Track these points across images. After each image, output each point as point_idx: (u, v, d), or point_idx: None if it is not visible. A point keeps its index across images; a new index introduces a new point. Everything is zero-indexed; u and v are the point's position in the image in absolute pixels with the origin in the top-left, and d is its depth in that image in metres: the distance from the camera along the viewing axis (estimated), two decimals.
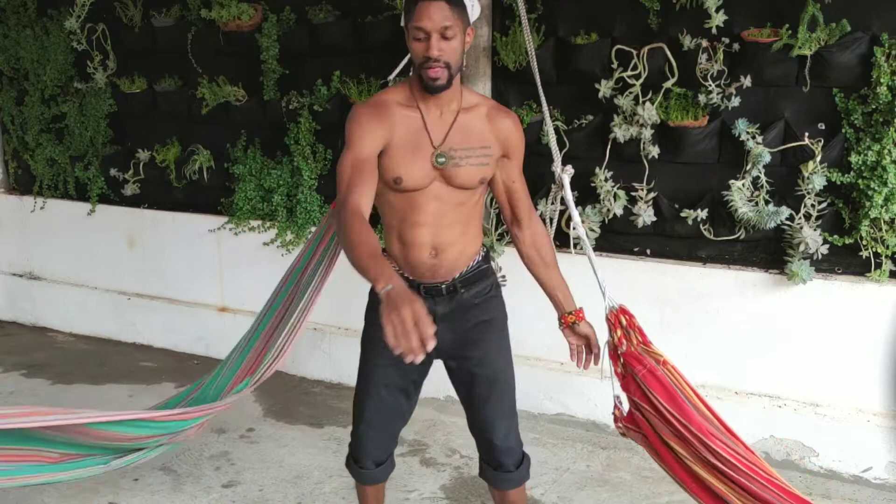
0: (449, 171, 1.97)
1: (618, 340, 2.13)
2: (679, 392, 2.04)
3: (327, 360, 3.94)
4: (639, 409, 2.11)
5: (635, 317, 2.16)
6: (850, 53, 2.82)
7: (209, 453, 3.18)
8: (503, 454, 2.15)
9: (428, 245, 2.02)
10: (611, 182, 3.23)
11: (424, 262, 2.03)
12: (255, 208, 4.01)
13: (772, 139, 2.96)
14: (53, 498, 2.84)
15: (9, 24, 4.63)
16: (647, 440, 2.13)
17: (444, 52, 1.86)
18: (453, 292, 2.06)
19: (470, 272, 2.07)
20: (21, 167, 4.86)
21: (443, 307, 2.06)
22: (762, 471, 1.95)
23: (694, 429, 1.98)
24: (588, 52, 3.19)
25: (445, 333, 2.04)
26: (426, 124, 1.97)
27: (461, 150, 1.96)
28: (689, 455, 2.01)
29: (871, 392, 2.93)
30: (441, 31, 1.85)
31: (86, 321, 4.66)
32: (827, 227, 2.94)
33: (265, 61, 3.87)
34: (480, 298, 2.10)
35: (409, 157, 1.95)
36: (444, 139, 1.96)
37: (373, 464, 2.22)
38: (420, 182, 1.97)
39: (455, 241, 2.03)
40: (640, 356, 2.10)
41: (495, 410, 2.13)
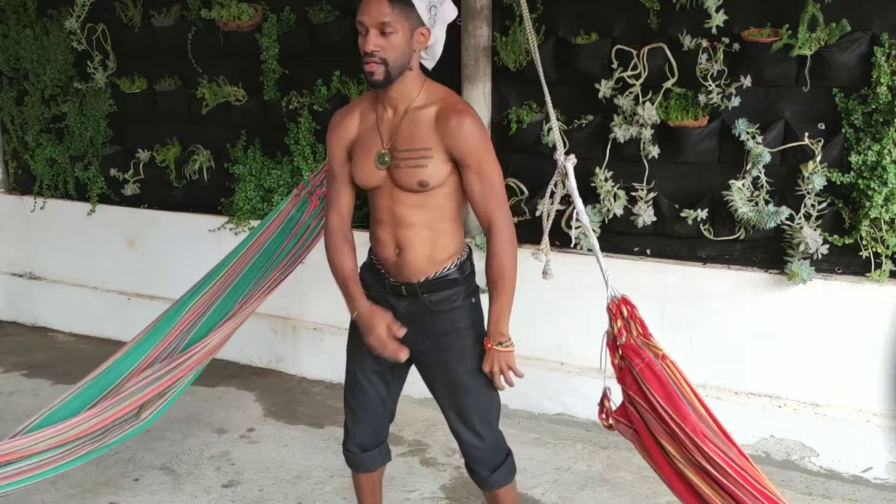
0: (391, 172, 1.98)
1: (617, 331, 2.08)
2: (676, 389, 1.99)
3: (327, 360, 3.94)
4: (633, 403, 2.07)
5: (637, 308, 2.11)
6: (850, 53, 2.82)
7: (209, 453, 3.18)
8: (474, 461, 2.17)
9: (392, 242, 2.05)
10: (611, 182, 3.23)
11: (389, 259, 2.07)
12: (255, 208, 4.01)
13: (772, 139, 2.96)
14: (53, 498, 2.84)
15: (9, 24, 4.63)
16: (638, 436, 2.08)
17: (381, 47, 1.88)
18: (414, 295, 2.06)
19: (435, 278, 2.04)
20: (21, 167, 4.86)
21: (403, 307, 2.09)
22: (754, 480, 1.91)
23: (688, 429, 1.93)
24: (588, 51, 3.19)
25: (408, 334, 2.09)
26: (378, 125, 2.01)
27: (403, 150, 1.96)
28: (681, 456, 1.98)
29: (871, 392, 2.93)
30: (378, 26, 1.87)
31: (86, 321, 4.66)
32: (827, 227, 2.94)
33: (265, 61, 3.87)
34: (443, 307, 2.06)
35: (362, 158, 2.02)
36: (390, 139, 1.98)
37: (357, 448, 2.25)
38: (368, 182, 2.02)
39: (419, 242, 2.01)
40: (638, 349, 2.05)
41: (458, 421, 2.13)
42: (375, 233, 2.09)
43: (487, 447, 2.14)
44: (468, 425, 2.12)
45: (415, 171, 1.95)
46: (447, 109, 1.96)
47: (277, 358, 4.10)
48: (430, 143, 1.94)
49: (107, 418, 2.37)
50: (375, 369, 2.17)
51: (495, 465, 2.16)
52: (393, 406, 2.27)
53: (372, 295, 2.13)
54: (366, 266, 2.20)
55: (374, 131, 2.01)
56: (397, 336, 2.05)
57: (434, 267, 2.04)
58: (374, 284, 2.14)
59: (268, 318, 4.06)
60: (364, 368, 2.18)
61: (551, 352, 3.42)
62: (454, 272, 2.06)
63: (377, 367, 2.16)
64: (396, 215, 2.01)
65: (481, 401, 2.12)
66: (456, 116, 1.94)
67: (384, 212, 2.03)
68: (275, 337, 4.07)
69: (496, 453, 2.17)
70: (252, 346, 4.12)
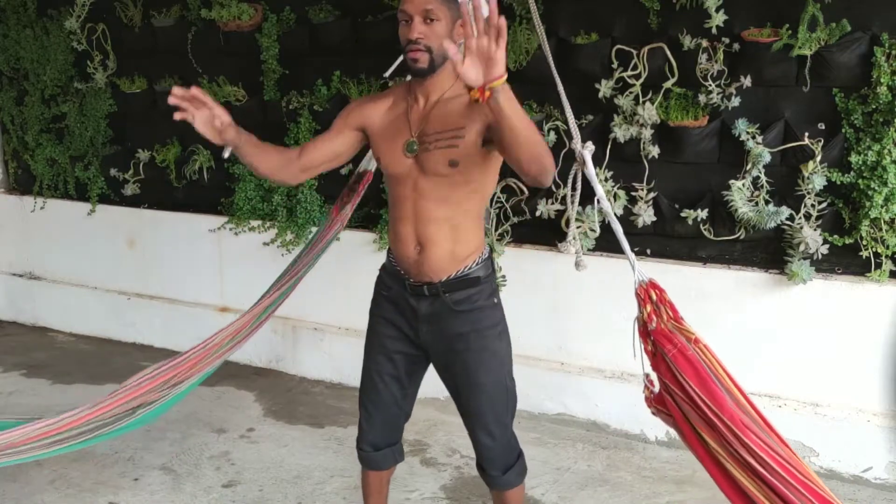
0: (420, 157, 1.97)
1: (647, 316, 2.03)
2: (711, 375, 1.91)
3: (327, 360, 3.94)
4: (669, 391, 1.99)
5: (666, 291, 2.06)
6: (850, 53, 2.82)
7: (209, 453, 3.18)
8: (484, 460, 2.17)
9: (413, 239, 2.03)
10: (611, 182, 3.23)
11: (410, 257, 2.04)
12: (255, 208, 4.01)
13: (772, 139, 2.96)
14: (53, 497, 2.84)
15: (9, 24, 4.63)
16: (677, 424, 2.01)
17: (425, 35, 1.88)
18: (436, 295, 2.04)
19: (457, 277, 2.03)
20: (21, 167, 4.86)
21: (425, 307, 2.07)
22: (799, 473, 1.82)
23: (725, 417, 1.86)
24: (588, 51, 3.19)
25: (427, 335, 2.09)
26: (408, 114, 2.01)
27: (433, 134, 1.96)
28: (720, 448, 1.89)
29: (871, 392, 2.93)
30: (423, 13, 1.87)
31: (86, 321, 4.66)
32: (827, 227, 2.94)
33: (265, 61, 3.87)
34: (465, 307, 2.05)
35: (389, 145, 2.03)
36: (419, 127, 1.99)
37: (370, 447, 2.26)
38: (394, 168, 2.02)
39: (441, 239, 2.00)
40: (670, 334, 1.99)
41: (474, 421, 2.13)
42: (396, 230, 2.07)
43: (500, 447, 2.14)
44: (483, 425, 2.11)
45: (446, 152, 1.94)
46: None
47: (277, 358, 4.10)
48: (462, 123, 1.93)
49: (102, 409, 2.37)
50: (391, 373, 2.17)
51: (507, 466, 2.16)
52: (408, 407, 2.27)
53: (391, 296, 2.13)
54: (384, 268, 2.19)
55: (402, 120, 2.02)
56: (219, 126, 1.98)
57: (455, 265, 2.02)
58: (393, 285, 2.13)
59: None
60: (380, 371, 2.18)
61: (551, 352, 3.42)
62: (477, 270, 2.05)
63: (393, 371, 2.16)
64: (419, 209, 2.00)
65: (498, 402, 2.11)
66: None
67: (406, 206, 2.02)
68: (275, 337, 4.07)
69: (509, 454, 2.17)
70: (252, 346, 4.10)
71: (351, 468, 3.05)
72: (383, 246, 3.69)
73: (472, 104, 1.90)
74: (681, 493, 2.88)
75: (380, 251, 3.71)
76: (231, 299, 4.21)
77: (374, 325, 2.22)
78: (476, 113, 1.91)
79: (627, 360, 3.25)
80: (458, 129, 1.93)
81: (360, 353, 3.98)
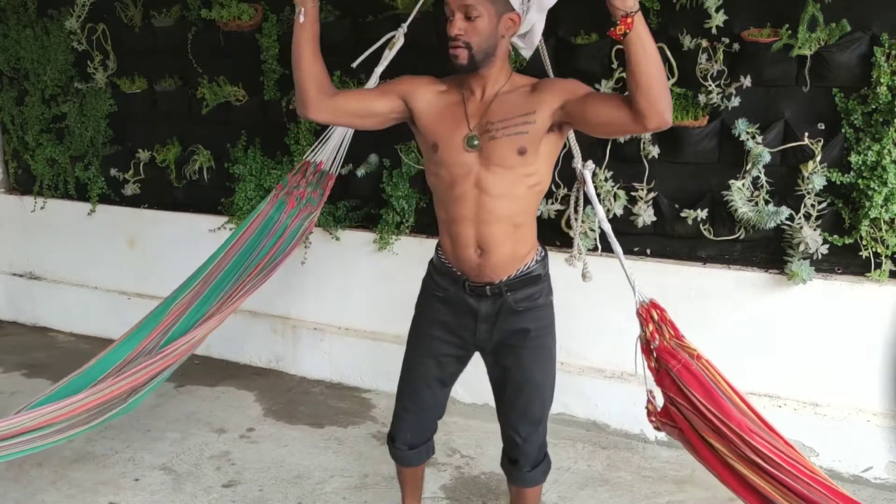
0: (485, 148, 1.93)
1: (650, 335, 2.10)
2: (715, 387, 1.99)
3: (327, 360, 3.94)
4: (675, 404, 2.06)
5: (667, 311, 2.12)
6: (850, 53, 2.82)
7: (209, 453, 3.18)
8: (521, 455, 2.19)
9: (472, 242, 1.99)
10: (611, 182, 3.23)
11: (471, 260, 2.02)
12: (255, 208, 4.00)
13: (772, 139, 2.96)
14: (53, 497, 2.84)
15: (9, 24, 4.63)
16: (685, 435, 2.07)
17: (465, 31, 1.87)
18: (498, 295, 2.04)
19: (519, 276, 2.03)
20: (21, 167, 4.86)
21: (486, 308, 2.06)
22: (806, 469, 1.90)
23: (732, 425, 1.93)
24: (588, 51, 3.19)
25: (485, 333, 2.08)
26: (465, 106, 1.97)
27: (498, 122, 1.93)
28: (729, 451, 1.96)
29: (871, 392, 2.93)
30: (462, 9, 1.87)
31: (86, 321, 4.66)
32: (827, 227, 2.94)
33: (265, 61, 3.87)
34: (525, 305, 2.06)
35: (446, 129, 1.97)
36: (479, 120, 1.95)
37: (405, 446, 2.29)
38: (455, 165, 1.96)
39: (502, 239, 1.98)
40: (673, 351, 2.06)
41: (520, 415, 2.15)
42: (453, 232, 2.02)
43: (537, 443, 2.19)
44: (529, 420, 2.15)
45: (515, 139, 1.90)
46: (542, 81, 1.98)
47: (277, 358, 4.10)
48: (532, 108, 1.92)
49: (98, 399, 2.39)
50: (437, 376, 2.18)
51: (537, 462, 2.21)
52: (445, 405, 2.30)
53: (447, 297, 2.10)
54: (435, 268, 2.15)
55: (458, 111, 1.97)
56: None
57: (516, 264, 2.03)
58: (450, 287, 2.09)
59: (268, 318, 4.07)
60: (426, 375, 2.18)
61: None
62: (536, 268, 2.06)
63: (440, 375, 2.18)
64: (482, 207, 1.95)
65: (545, 399, 2.16)
66: (553, 79, 2.01)
67: (466, 205, 1.96)
68: (275, 337, 4.07)
69: (540, 450, 2.21)
70: (252, 346, 4.12)
71: (351, 468, 3.06)
72: (383, 246, 3.69)
73: (536, 90, 1.94)
74: (681, 493, 2.88)
75: (380, 251, 3.71)
76: None
77: (425, 327, 2.17)
78: (543, 97, 1.92)
79: (627, 360, 3.26)
80: (528, 115, 1.91)
81: (359, 352, 4.00)
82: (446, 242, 2.07)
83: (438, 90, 2.03)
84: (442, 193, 2.02)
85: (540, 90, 1.95)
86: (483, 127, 1.94)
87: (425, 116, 2.01)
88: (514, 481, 2.27)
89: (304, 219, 2.84)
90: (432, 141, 1.99)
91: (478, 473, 3.01)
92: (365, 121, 2.08)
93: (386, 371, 3.73)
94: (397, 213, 3.66)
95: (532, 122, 1.91)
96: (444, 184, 2.00)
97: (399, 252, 3.68)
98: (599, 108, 1.87)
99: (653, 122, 1.77)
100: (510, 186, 1.94)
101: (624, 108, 1.81)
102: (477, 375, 2.35)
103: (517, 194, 1.95)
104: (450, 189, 1.99)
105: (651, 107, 1.75)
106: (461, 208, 1.98)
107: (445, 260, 2.10)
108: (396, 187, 3.62)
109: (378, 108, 2.05)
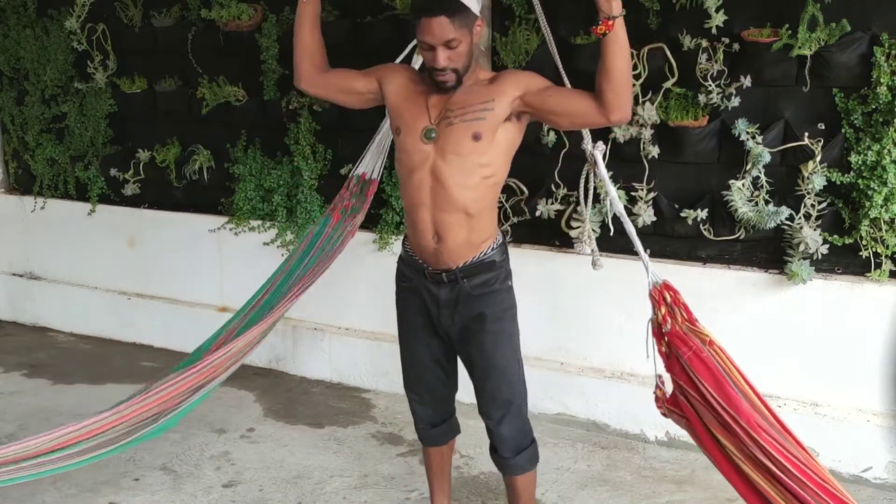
0: (441, 134, 2.01)
1: (662, 318, 2.05)
2: (727, 377, 1.93)
3: (327, 360, 3.94)
4: (683, 393, 2.01)
5: (680, 293, 2.08)
6: (850, 53, 2.82)
7: (209, 453, 3.19)
8: (496, 439, 2.24)
9: (430, 228, 2.08)
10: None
11: (428, 246, 2.11)
12: (255, 208, 4.01)
13: (772, 139, 2.96)
14: (53, 498, 2.84)
15: (9, 24, 4.63)
16: (692, 426, 2.03)
17: (451, 60, 1.96)
18: (454, 281, 2.11)
19: (474, 262, 2.11)
20: (21, 167, 4.86)
21: (445, 294, 2.14)
22: (816, 475, 1.82)
23: (742, 420, 1.87)
24: (588, 52, 3.18)
25: (447, 319, 2.16)
26: (427, 100, 2.07)
27: (458, 109, 2.02)
28: (736, 450, 1.91)
29: (871, 392, 2.93)
30: (445, 43, 1.93)
31: (86, 321, 4.66)
32: (827, 227, 2.94)
33: (265, 61, 3.87)
34: (481, 290, 2.12)
35: (409, 116, 2.08)
36: (439, 112, 2.04)
37: (428, 425, 2.37)
38: (412, 152, 2.06)
39: (456, 227, 2.06)
40: (685, 336, 2.02)
41: (489, 399, 2.21)
42: (412, 218, 2.12)
43: (514, 428, 2.21)
44: (498, 405, 2.20)
45: (471, 125, 2.00)
46: (501, 73, 2.11)
47: (277, 358, 4.10)
48: (491, 96, 2.01)
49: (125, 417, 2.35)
50: (431, 356, 2.26)
51: (520, 448, 2.23)
52: (454, 383, 2.37)
53: (412, 286, 2.20)
54: (402, 259, 2.27)
55: (421, 103, 2.07)
56: None
57: (472, 251, 2.10)
58: (414, 276, 2.20)
59: None
60: (420, 357, 2.27)
61: (551, 352, 3.42)
62: (492, 255, 2.13)
63: (432, 355, 2.26)
64: (437, 196, 2.04)
65: (512, 382, 2.20)
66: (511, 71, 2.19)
67: (423, 192, 2.06)
68: (275, 337, 4.07)
69: (522, 437, 2.24)
70: None
71: (351, 468, 3.06)
72: (383, 246, 3.69)
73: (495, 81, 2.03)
74: (681, 492, 2.88)
75: (380, 251, 3.71)
76: (231, 299, 4.20)
77: (404, 316, 2.29)
78: (502, 87, 2.01)
79: (627, 360, 3.28)
80: (487, 102, 2.01)
81: (359, 352, 4.01)
82: (409, 229, 2.18)
83: (411, 79, 2.15)
84: (403, 180, 2.13)
85: (499, 81, 2.05)
86: (443, 116, 2.03)
87: (392, 100, 2.13)
88: (499, 468, 2.31)
89: (347, 227, 2.88)
90: (396, 125, 2.12)
91: (477, 473, 3.01)
92: (347, 97, 2.27)
93: (386, 371, 3.73)
94: (397, 213, 3.66)
95: (490, 110, 2.00)
96: (404, 170, 2.11)
97: (399, 252, 3.67)
98: (565, 98, 2.02)
99: (616, 114, 1.94)
100: (464, 176, 2.02)
101: (589, 99, 1.96)
102: None
103: (470, 184, 2.04)
104: (409, 175, 2.09)
105: (617, 100, 1.92)
106: (419, 195, 2.07)
107: (409, 250, 2.21)
108: (396, 187, 3.62)
109: (357, 87, 2.22)
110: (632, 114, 1.93)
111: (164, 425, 2.48)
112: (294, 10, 3.77)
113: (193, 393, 2.48)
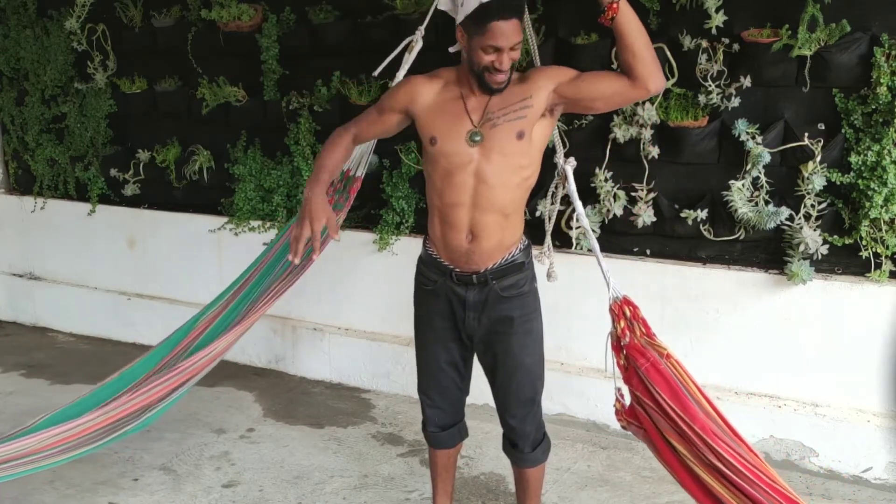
0: (486, 137, 2.02)
1: (621, 332, 2.10)
2: (682, 388, 2.00)
3: (327, 360, 3.94)
4: (641, 403, 2.08)
5: (639, 308, 2.13)
6: (850, 54, 2.82)
7: (209, 453, 3.18)
8: (518, 436, 2.27)
9: (465, 227, 2.08)
10: (611, 182, 3.23)
11: (461, 246, 2.10)
12: (255, 208, 4.01)
13: (772, 139, 2.96)
14: (52, 498, 2.84)
15: (9, 25, 4.63)
16: (648, 435, 2.09)
17: (513, 61, 1.99)
18: (484, 283, 2.12)
19: (505, 264, 2.12)
20: (21, 167, 4.86)
21: (473, 296, 2.14)
22: (765, 475, 1.91)
23: (697, 427, 1.95)
24: (588, 52, 3.19)
25: (473, 321, 2.17)
26: (466, 105, 2.06)
27: (498, 110, 2.03)
28: (691, 455, 1.98)
29: (871, 392, 2.93)
30: (513, 46, 1.96)
31: (86, 321, 4.66)
32: (827, 227, 2.94)
33: (265, 61, 3.87)
34: (511, 292, 2.14)
35: (447, 128, 2.06)
36: (481, 115, 2.04)
37: (438, 428, 2.38)
38: (456, 155, 2.04)
39: (493, 227, 2.07)
40: (643, 349, 2.07)
41: (513, 398, 2.23)
42: (448, 217, 2.10)
43: (534, 423, 2.26)
44: (522, 403, 2.23)
45: (514, 123, 2.01)
46: (530, 70, 2.12)
47: (277, 358, 4.10)
48: (528, 93, 2.03)
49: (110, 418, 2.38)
50: (449, 360, 2.26)
51: (537, 442, 2.29)
52: (467, 388, 2.38)
53: (436, 289, 2.19)
54: (423, 261, 2.25)
55: (459, 107, 2.06)
56: (332, 238, 2.10)
57: (502, 252, 2.11)
58: (438, 278, 2.19)
59: (268, 318, 4.06)
60: (439, 361, 2.27)
61: (551, 352, 3.39)
62: (520, 256, 2.15)
63: (451, 359, 2.26)
64: (479, 196, 2.04)
65: (536, 381, 2.24)
66: (539, 67, 2.17)
67: (464, 192, 2.05)
68: (275, 337, 4.07)
69: (538, 430, 2.29)
70: (252, 346, 4.12)
71: (351, 468, 3.06)
72: (383, 246, 3.69)
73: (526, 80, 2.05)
74: (680, 493, 2.87)
75: (380, 251, 3.71)
76: None
77: (424, 319, 2.28)
78: (537, 83, 2.04)
79: None
80: (525, 99, 2.02)
81: (359, 352, 4.00)
82: (436, 229, 2.15)
83: (435, 88, 2.11)
84: (438, 181, 2.10)
85: (531, 78, 2.07)
86: (485, 118, 2.03)
87: (424, 115, 2.11)
88: (516, 462, 2.35)
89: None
90: (430, 135, 2.09)
91: (477, 474, 3.01)
92: (385, 135, 2.28)
93: (386, 371, 3.73)
94: (397, 214, 3.66)
95: (530, 107, 2.02)
96: (441, 172, 2.08)
97: (399, 252, 3.68)
98: (598, 82, 2.03)
99: (653, 83, 1.97)
100: (506, 176, 2.04)
101: (621, 78, 1.99)
102: (475, 375, 2.36)
103: (511, 185, 2.06)
104: (447, 177, 2.07)
105: (648, 71, 1.95)
106: (459, 195, 2.06)
107: (433, 251, 2.19)
108: (396, 188, 3.62)
109: (387, 128, 2.21)
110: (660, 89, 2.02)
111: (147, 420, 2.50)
112: (294, 10, 3.83)
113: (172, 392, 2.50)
